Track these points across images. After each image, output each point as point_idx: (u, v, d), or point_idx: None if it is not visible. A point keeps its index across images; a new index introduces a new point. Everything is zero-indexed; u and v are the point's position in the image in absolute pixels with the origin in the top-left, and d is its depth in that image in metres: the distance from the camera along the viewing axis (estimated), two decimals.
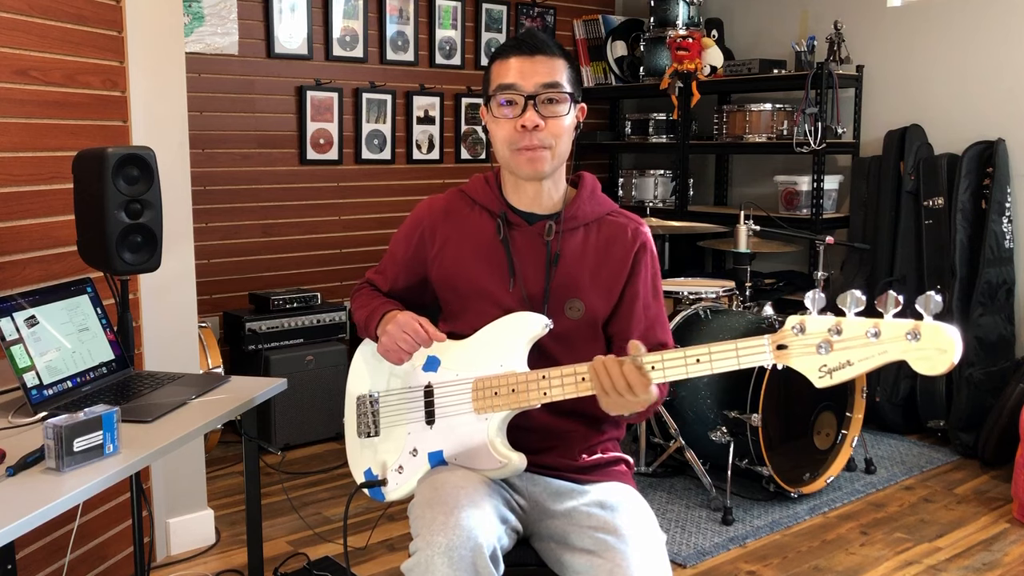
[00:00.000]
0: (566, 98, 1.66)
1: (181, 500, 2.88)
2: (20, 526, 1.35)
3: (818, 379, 1.35)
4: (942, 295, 3.91)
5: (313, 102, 4.27)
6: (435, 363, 1.71)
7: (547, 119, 1.64)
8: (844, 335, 1.32)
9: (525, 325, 1.64)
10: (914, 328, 1.27)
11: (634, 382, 1.48)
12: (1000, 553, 2.94)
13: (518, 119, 1.64)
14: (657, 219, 3.93)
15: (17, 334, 1.86)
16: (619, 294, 1.72)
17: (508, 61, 1.66)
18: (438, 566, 1.43)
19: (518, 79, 1.64)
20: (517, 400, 1.60)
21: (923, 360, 1.26)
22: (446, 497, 1.53)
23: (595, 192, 1.78)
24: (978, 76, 4.04)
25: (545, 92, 1.64)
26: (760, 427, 3.10)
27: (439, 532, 1.46)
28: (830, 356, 1.33)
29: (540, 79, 1.64)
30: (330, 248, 4.47)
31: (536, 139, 1.64)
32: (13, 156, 2.24)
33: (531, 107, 1.63)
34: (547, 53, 1.66)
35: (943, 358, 1.25)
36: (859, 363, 1.32)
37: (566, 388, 1.57)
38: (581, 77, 1.72)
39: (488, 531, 1.50)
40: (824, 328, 1.34)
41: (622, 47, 5.16)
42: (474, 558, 1.45)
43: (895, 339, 1.28)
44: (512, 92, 1.65)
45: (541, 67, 1.64)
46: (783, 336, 1.37)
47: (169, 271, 2.48)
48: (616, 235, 1.74)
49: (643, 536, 1.57)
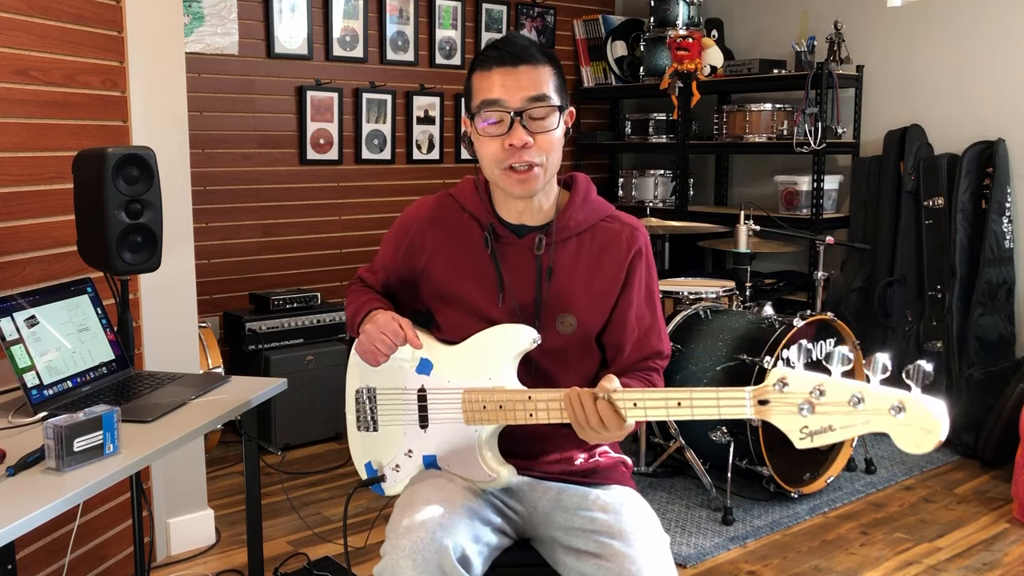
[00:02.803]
0: (554, 110, 1.57)
1: (181, 500, 2.88)
2: (20, 526, 1.34)
3: (798, 440, 1.29)
4: (942, 295, 3.92)
5: (313, 102, 4.27)
6: (428, 366, 1.69)
7: (536, 135, 1.56)
8: (827, 398, 1.26)
9: (513, 338, 1.60)
10: (900, 402, 1.21)
11: (607, 419, 1.44)
12: (1000, 553, 2.94)
13: (505, 137, 1.55)
14: (657, 219, 3.93)
15: (17, 334, 1.86)
16: (612, 305, 1.68)
17: (491, 73, 1.56)
18: (403, 569, 1.42)
19: (502, 94, 1.55)
20: (505, 417, 1.57)
21: (907, 437, 1.21)
22: (416, 500, 1.52)
23: (588, 196, 1.71)
24: (978, 76, 4.04)
25: (532, 107, 1.55)
26: (760, 427, 3.10)
27: (404, 536, 1.45)
28: (811, 418, 1.27)
29: (526, 92, 1.54)
30: (330, 248, 4.47)
31: (526, 157, 1.56)
32: (13, 156, 2.24)
33: (518, 124, 1.54)
34: (531, 62, 1.56)
35: (927, 438, 1.20)
36: (841, 429, 1.25)
37: (551, 413, 1.53)
38: (565, 81, 1.63)
39: (456, 533, 1.47)
40: (806, 389, 1.28)
41: (622, 47, 5.16)
42: (439, 560, 1.43)
43: (879, 412, 1.23)
44: (497, 109, 1.56)
45: (526, 79, 1.55)
46: (764, 392, 1.32)
47: (169, 271, 2.48)
48: (610, 243, 1.68)
49: (648, 538, 1.56)
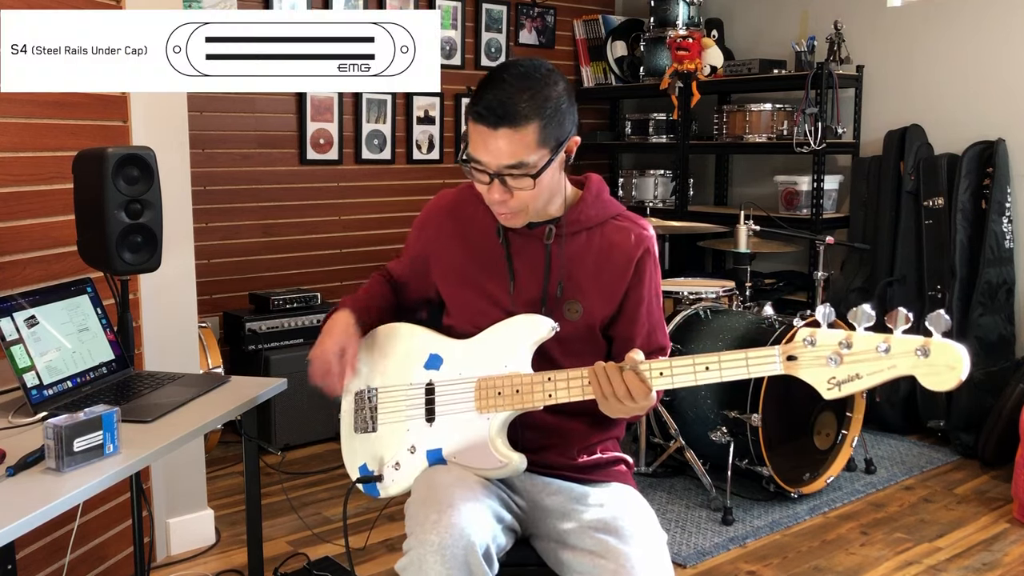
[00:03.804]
0: (530, 173, 1.57)
1: (181, 500, 2.88)
2: (20, 526, 1.35)
3: (826, 390, 1.38)
4: (942, 295, 3.92)
5: (313, 102, 4.26)
6: (437, 361, 1.71)
7: (515, 191, 1.59)
8: (854, 348, 1.35)
9: (531, 327, 1.64)
10: (924, 344, 1.30)
11: (635, 389, 1.50)
12: (1000, 553, 2.94)
13: (488, 189, 1.60)
14: (657, 219, 3.93)
15: (17, 334, 1.86)
16: (621, 299, 1.71)
17: (476, 128, 1.57)
18: (431, 564, 1.44)
19: (483, 155, 1.57)
20: (521, 401, 1.61)
21: (932, 375, 1.30)
22: (440, 495, 1.53)
23: (600, 195, 1.76)
24: (978, 76, 4.04)
25: (507, 172, 1.57)
26: (760, 427, 3.10)
27: (432, 531, 1.46)
28: (840, 368, 1.37)
29: (503, 160, 1.56)
30: (330, 248, 4.47)
31: (506, 208, 1.62)
32: (13, 156, 2.23)
33: (497, 182, 1.58)
34: (512, 123, 1.53)
35: (952, 374, 1.29)
36: (868, 376, 1.35)
37: (572, 391, 1.58)
38: (560, 118, 1.59)
39: (482, 530, 1.50)
40: (835, 341, 1.37)
41: (622, 47, 5.16)
42: (467, 556, 1.45)
43: (905, 354, 1.32)
44: (478, 166, 1.59)
45: (504, 145, 1.54)
46: (794, 347, 1.40)
47: (169, 271, 2.47)
48: (619, 240, 1.72)
49: (645, 536, 1.57)
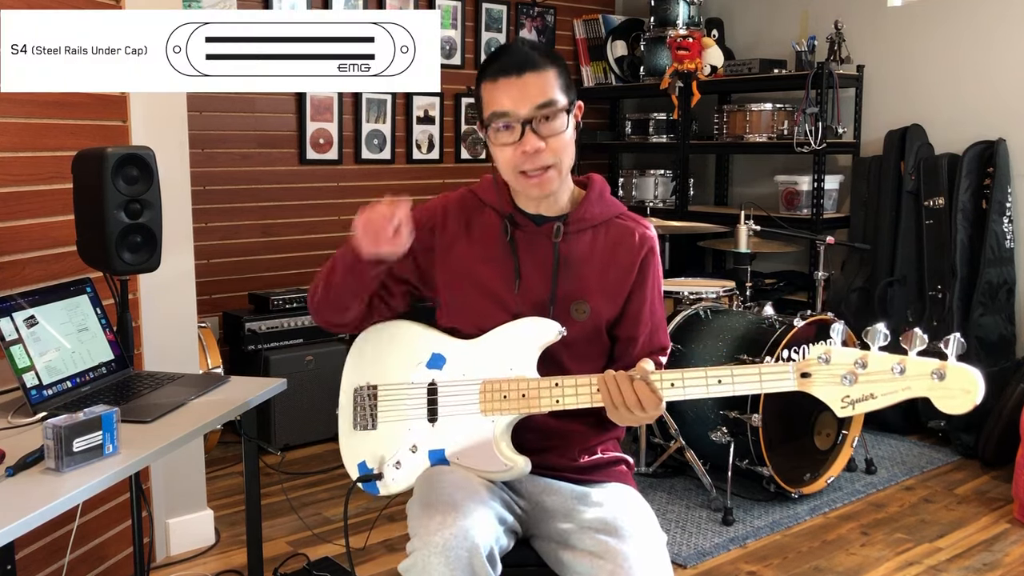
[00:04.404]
0: (563, 112, 1.61)
1: (181, 500, 2.88)
2: (20, 526, 1.35)
3: (840, 408, 1.39)
4: (943, 295, 3.92)
5: (313, 102, 4.26)
6: (440, 360, 1.71)
7: (547, 138, 1.60)
8: (869, 368, 1.36)
9: (538, 331, 1.64)
10: (940, 368, 1.30)
11: (645, 399, 1.50)
12: (1000, 553, 2.94)
13: (518, 145, 1.60)
14: (657, 219, 3.92)
15: (17, 334, 1.86)
16: (625, 298, 1.72)
17: (497, 84, 1.60)
18: (435, 566, 1.43)
19: (511, 105, 1.59)
20: (527, 405, 1.61)
21: (946, 399, 1.30)
22: (444, 497, 1.52)
23: (603, 194, 1.77)
24: (978, 76, 4.03)
25: (540, 113, 1.59)
26: (760, 427, 3.09)
27: (436, 532, 1.46)
28: (854, 388, 1.37)
29: (533, 100, 1.58)
30: (330, 248, 4.44)
31: (540, 161, 1.61)
32: (13, 156, 2.23)
33: (529, 131, 1.59)
34: (535, 68, 1.59)
35: (967, 398, 1.29)
36: (882, 397, 1.35)
37: (580, 398, 1.58)
38: (569, 76, 1.67)
39: (485, 531, 1.49)
40: (850, 360, 1.37)
41: (622, 47, 5.16)
42: (471, 558, 1.45)
43: (920, 376, 1.32)
44: (507, 119, 1.60)
45: (532, 87, 1.58)
46: (808, 364, 1.42)
47: (169, 271, 2.47)
48: (623, 238, 1.73)
49: (644, 537, 1.57)
